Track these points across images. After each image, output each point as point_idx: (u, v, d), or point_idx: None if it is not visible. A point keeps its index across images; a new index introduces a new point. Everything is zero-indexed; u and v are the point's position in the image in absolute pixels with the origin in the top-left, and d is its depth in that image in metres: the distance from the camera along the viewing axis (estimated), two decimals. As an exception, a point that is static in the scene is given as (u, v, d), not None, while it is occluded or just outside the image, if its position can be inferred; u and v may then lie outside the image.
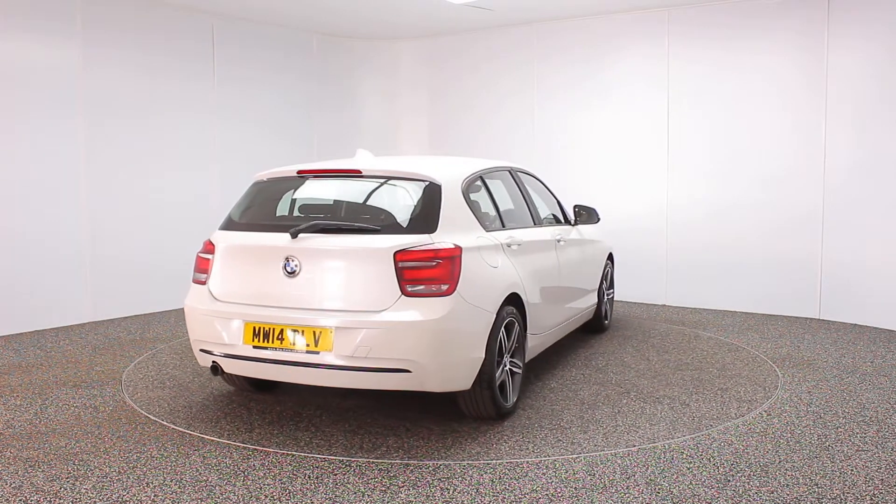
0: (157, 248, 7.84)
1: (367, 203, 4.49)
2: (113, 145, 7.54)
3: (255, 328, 4.15)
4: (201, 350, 4.44)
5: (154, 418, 4.57)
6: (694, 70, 8.03)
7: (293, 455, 3.97)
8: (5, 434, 4.30)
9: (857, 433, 4.28)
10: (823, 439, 4.18)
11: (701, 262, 8.12)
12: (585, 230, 6.40)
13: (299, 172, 4.60)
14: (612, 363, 5.77)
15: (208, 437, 4.23)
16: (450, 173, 4.54)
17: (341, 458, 3.92)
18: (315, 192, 4.71)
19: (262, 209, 4.60)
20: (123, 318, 7.59)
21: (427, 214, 4.19)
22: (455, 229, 4.24)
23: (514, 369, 4.61)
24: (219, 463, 3.86)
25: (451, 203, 4.33)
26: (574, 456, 3.94)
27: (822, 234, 7.45)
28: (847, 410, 4.69)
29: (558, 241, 5.61)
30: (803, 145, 7.49)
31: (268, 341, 4.12)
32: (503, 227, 4.89)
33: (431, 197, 4.26)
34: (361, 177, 4.48)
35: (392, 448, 4.06)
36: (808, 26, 7.38)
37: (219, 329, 4.27)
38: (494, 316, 4.27)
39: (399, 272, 3.96)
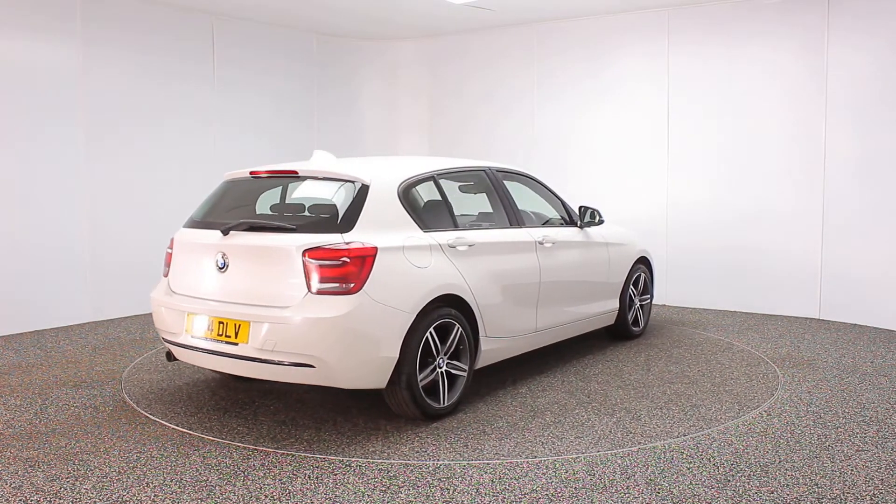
0: (157, 248, 7.81)
1: (300, 203, 4.74)
2: (113, 145, 7.54)
3: (191, 319, 4.45)
4: (163, 338, 4.78)
5: (154, 418, 4.58)
6: (694, 70, 8.03)
7: (293, 455, 3.97)
8: (5, 434, 4.30)
9: (857, 433, 4.28)
10: (823, 439, 4.18)
11: (701, 262, 8.12)
12: (597, 232, 6.20)
13: (251, 173, 4.81)
14: (605, 371, 5.61)
15: (208, 437, 4.24)
16: (386, 174, 4.59)
17: (341, 459, 3.92)
18: (262, 192, 4.90)
19: (216, 208, 4.81)
20: (123, 318, 7.59)
21: (346, 214, 4.30)
22: (378, 229, 4.30)
23: (455, 371, 4.60)
24: (219, 463, 3.86)
25: (379, 203, 4.39)
26: (574, 456, 3.95)
27: (822, 234, 7.45)
28: (847, 410, 4.69)
29: (540, 242, 5.44)
30: (803, 145, 7.50)
31: (203, 331, 4.38)
32: (455, 227, 4.86)
33: (355, 197, 4.36)
34: (298, 178, 4.68)
35: (299, 440, 4.13)
36: (807, 26, 7.38)
37: (171, 318, 4.60)
38: (413, 316, 4.25)
39: (307, 270, 4.08)
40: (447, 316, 4.49)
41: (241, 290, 4.31)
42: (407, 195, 4.61)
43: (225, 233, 4.41)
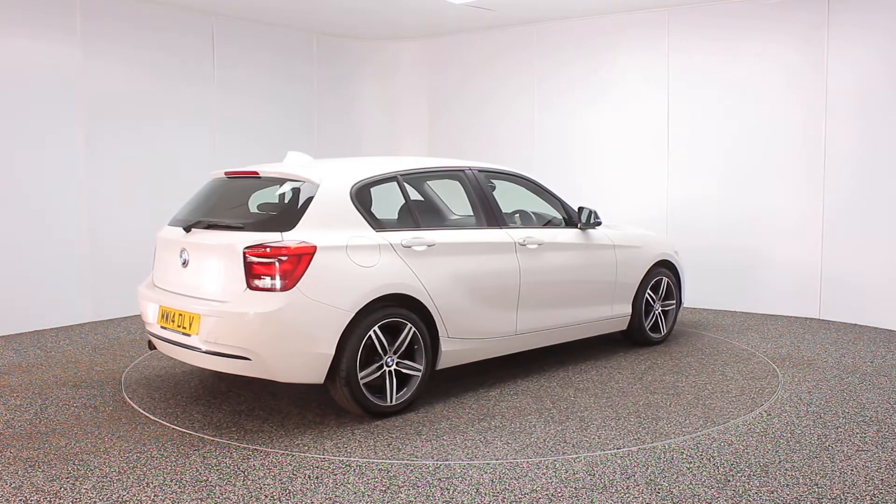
0: (157, 248, 7.84)
1: (257, 202, 4.90)
2: (113, 144, 7.54)
3: (162, 311, 4.71)
4: (146, 328, 5.03)
5: (154, 418, 4.58)
6: (694, 70, 8.03)
7: (293, 455, 3.97)
8: (5, 434, 4.30)
9: (857, 433, 4.28)
10: (823, 439, 4.18)
11: (701, 262, 8.11)
12: (601, 233, 6.00)
13: (226, 174, 5.07)
14: (594, 378, 5.41)
15: (208, 437, 4.24)
16: (339, 175, 4.69)
17: (341, 459, 3.92)
18: (230, 191, 5.05)
19: (192, 206, 5.02)
20: (123, 318, 7.59)
21: (289, 213, 4.46)
22: (322, 228, 4.40)
23: (407, 371, 4.62)
24: (219, 463, 3.87)
25: (326, 203, 4.50)
26: (574, 456, 3.95)
27: (823, 234, 7.45)
28: (847, 410, 4.69)
29: (522, 243, 5.31)
30: (804, 144, 7.49)
31: (167, 322, 4.66)
32: (417, 227, 4.87)
33: (301, 197, 4.52)
34: (259, 178, 4.91)
35: (242, 430, 4.14)
36: (808, 27, 7.37)
37: (148, 310, 4.89)
38: (352, 315, 4.32)
39: (247, 267, 4.26)
40: (396, 315, 4.53)
41: (197, 285, 4.58)
42: (361, 195, 4.68)
43: (187, 230, 4.68)
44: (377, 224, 4.66)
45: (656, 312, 6.45)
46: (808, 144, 7.46)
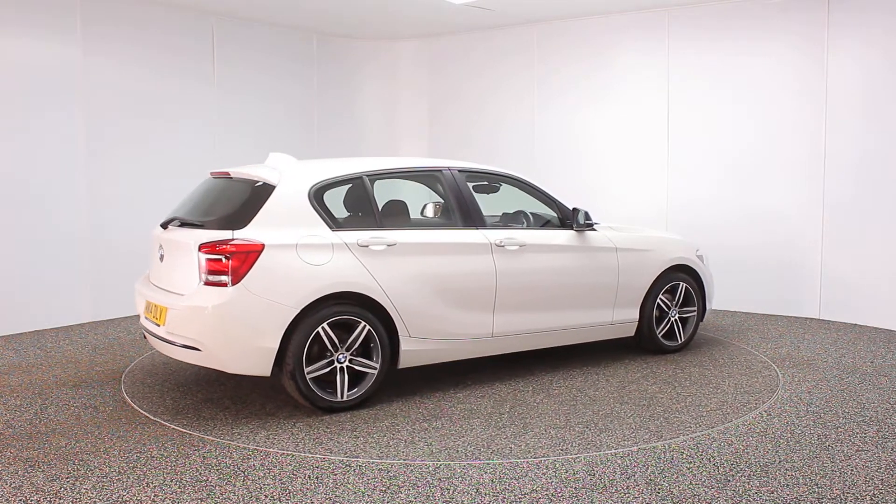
0: (157, 248, 7.83)
1: (225, 201, 5.02)
2: (113, 144, 7.53)
3: (146, 303, 4.97)
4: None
5: (154, 418, 4.58)
6: (694, 70, 8.03)
7: (293, 455, 3.98)
8: (5, 434, 4.30)
9: (857, 433, 4.28)
10: (823, 439, 4.18)
11: (701, 262, 8.12)
12: (602, 235, 5.81)
13: (211, 174, 5.32)
14: (577, 385, 5.21)
15: (208, 437, 4.24)
16: (298, 176, 4.81)
17: (341, 459, 3.92)
18: (210, 191, 5.16)
19: (180, 205, 5.24)
20: (123, 318, 7.59)
21: (243, 212, 4.63)
22: (274, 226, 4.56)
23: (361, 368, 4.67)
24: (219, 463, 3.87)
25: (281, 203, 4.65)
26: (574, 456, 3.95)
27: (822, 234, 7.45)
28: (847, 410, 4.69)
29: (499, 244, 5.21)
30: (804, 144, 7.49)
31: (148, 314, 4.92)
32: (379, 227, 4.88)
33: (257, 197, 4.69)
34: (230, 178, 5.10)
35: (199, 417, 4.20)
36: (808, 26, 7.37)
37: (138, 303, 5.18)
38: (297, 311, 4.45)
39: (201, 263, 4.48)
40: (348, 313, 4.61)
41: (168, 279, 4.85)
42: (320, 195, 4.78)
43: (164, 227, 5.00)
44: (336, 224, 4.74)
45: (672, 319, 6.15)
46: (809, 144, 7.46)
